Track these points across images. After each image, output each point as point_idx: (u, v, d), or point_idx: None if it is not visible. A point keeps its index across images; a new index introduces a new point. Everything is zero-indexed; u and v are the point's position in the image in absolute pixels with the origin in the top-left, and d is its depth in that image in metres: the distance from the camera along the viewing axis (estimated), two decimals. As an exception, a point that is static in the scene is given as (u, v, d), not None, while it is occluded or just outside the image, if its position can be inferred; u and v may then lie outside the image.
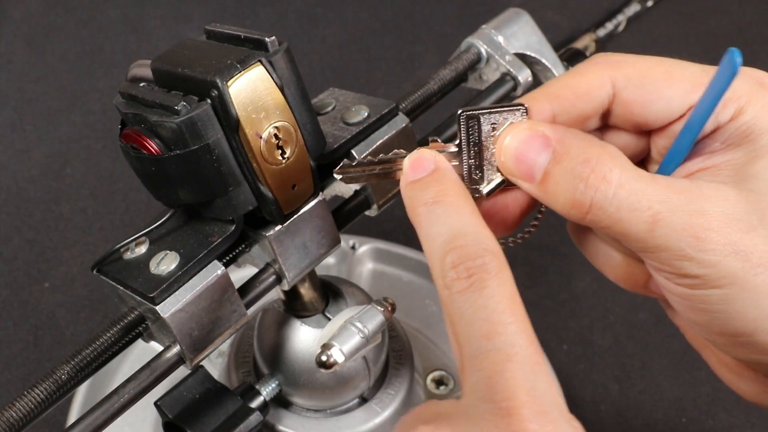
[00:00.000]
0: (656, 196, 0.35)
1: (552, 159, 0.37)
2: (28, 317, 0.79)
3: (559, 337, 0.76)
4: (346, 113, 0.48)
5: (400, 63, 1.05)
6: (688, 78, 0.38)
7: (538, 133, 0.37)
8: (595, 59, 0.40)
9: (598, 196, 0.35)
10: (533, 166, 0.37)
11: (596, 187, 0.35)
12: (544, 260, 0.81)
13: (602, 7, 1.08)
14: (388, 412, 0.55)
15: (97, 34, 1.10)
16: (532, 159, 0.37)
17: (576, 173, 0.36)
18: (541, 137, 0.37)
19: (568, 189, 0.36)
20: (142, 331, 0.44)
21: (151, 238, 0.44)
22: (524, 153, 0.38)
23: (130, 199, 0.89)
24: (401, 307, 0.52)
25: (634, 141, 0.41)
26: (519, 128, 0.38)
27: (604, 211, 0.35)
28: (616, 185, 0.35)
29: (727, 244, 0.35)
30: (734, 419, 0.70)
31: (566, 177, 0.36)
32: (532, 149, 0.37)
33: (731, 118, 0.38)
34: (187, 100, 0.39)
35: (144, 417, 0.64)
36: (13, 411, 0.40)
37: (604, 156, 0.36)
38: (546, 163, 0.37)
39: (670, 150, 0.39)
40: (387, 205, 0.50)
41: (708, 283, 0.35)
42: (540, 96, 0.40)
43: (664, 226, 0.35)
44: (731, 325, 0.36)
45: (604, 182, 0.35)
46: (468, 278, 0.34)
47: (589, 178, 0.35)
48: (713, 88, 0.35)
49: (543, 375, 0.32)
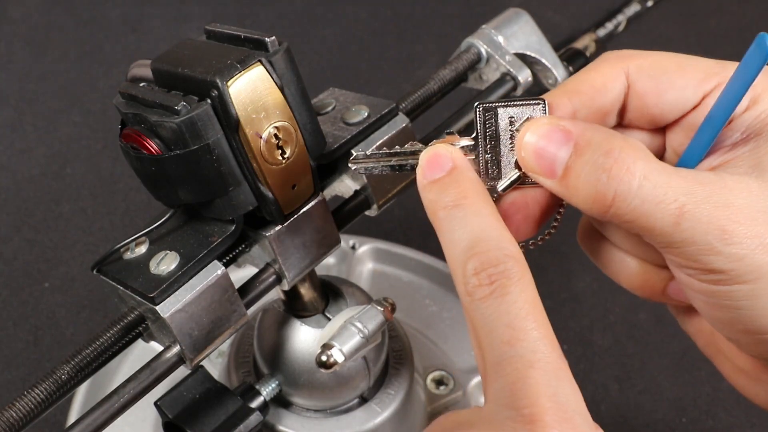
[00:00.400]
0: (681, 189, 0.34)
1: (573, 152, 0.36)
2: (28, 317, 0.78)
3: (559, 337, 0.74)
4: (346, 113, 0.48)
5: (400, 63, 1.05)
6: (700, 68, 0.38)
7: (559, 127, 0.36)
8: (606, 56, 0.40)
9: (622, 187, 0.34)
10: (554, 161, 0.36)
11: (620, 179, 0.34)
12: (544, 260, 0.81)
13: (602, 7, 1.08)
14: (388, 412, 0.55)
15: (97, 34, 1.10)
16: (552, 153, 0.36)
17: (599, 165, 0.35)
18: (562, 131, 0.36)
19: (590, 182, 0.35)
20: (142, 331, 0.44)
21: (151, 238, 0.44)
22: (545, 148, 0.37)
23: (130, 199, 0.89)
24: (401, 307, 0.52)
25: (649, 139, 0.41)
26: (539, 123, 0.37)
27: (628, 204, 0.35)
28: (641, 177, 0.34)
29: (755, 236, 0.34)
30: (734, 419, 0.70)
31: (589, 169, 0.35)
32: (553, 143, 0.36)
33: (746, 108, 0.37)
34: (187, 100, 0.39)
35: (144, 417, 0.64)
36: (13, 411, 0.40)
37: (627, 147, 0.35)
38: (567, 157, 0.36)
39: (691, 144, 0.38)
40: (387, 205, 0.50)
41: (734, 278, 0.34)
42: (559, 93, 0.39)
43: (690, 219, 0.34)
44: (757, 321, 0.35)
45: (628, 173, 0.34)
46: (490, 285, 0.34)
47: (612, 169, 0.34)
48: (741, 75, 0.34)
49: (566, 381, 0.32)
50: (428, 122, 0.55)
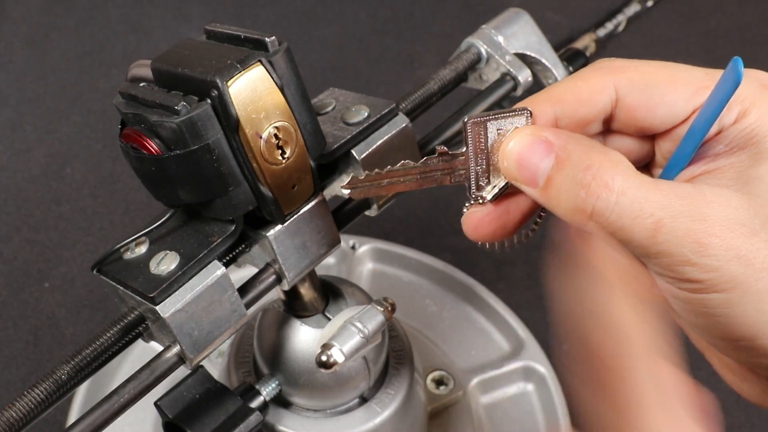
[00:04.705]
0: (658, 203, 0.35)
1: (555, 165, 0.37)
2: (28, 317, 0.79)
3: (559, 337, 0.75)
4: (346, 113, 0.48)
5: (400, 63, 1.05)
6: (691, 81, 0.38)
7: (541, 138, 0.37)
8: (598, 64, 0.40)
9: (599, 204, 0.35)
10: (536, 171, 0.37)
11: (598, 195, 0.35)
12: (544, 260, 0.81)
13: (602, 7, 1.08)
14: (388, 412, 0.55)
15: (97, 34, 1.10)
16: (534, 164, 0.37)
17: (578, 180, 0.36)
18: (543, 142, 0.37)
19: (570, 196, 0.36)
20: (142, 331, 0.44)
21: (151, 238, 0.44)
22: (527, 158, 0.37)
23: (130, 199, 0.89)
24: (401, 307, 0.52)
25: (638, 145, 0.41)
26: (522, 133, 0.38)
27: (606, 219, 0.35)
28: (618, 193, 0.35)
29: (730, 248, 0.34)
30: (734, 419, 0.70)
31: (568, 184, 0.36)
32: (535, 154, 0.37)
33: (735, 121, 0.37)
34: (187, 100, 0.39)
35: (144, 417, 0.64)
36: (13, 411, 0.40)
37: (606, 163, 0.36)
38: (549, 168, 0.37)
39: (674, 155, 0.38)
40: (387, 205, 0.50)
41: (710, 287, 0.35)
42: (543, 99, 0.39)
43: (667, 233, 0.35)
44: (733, 329, 0.36)
45: (605, 190, 0.35)
46: None
47: (590, 186, 0.35)
48: (716, 96, 0.35)
49: None
50: (428, 122, 0.55)
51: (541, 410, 0.68)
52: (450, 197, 0.86)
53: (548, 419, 0.67)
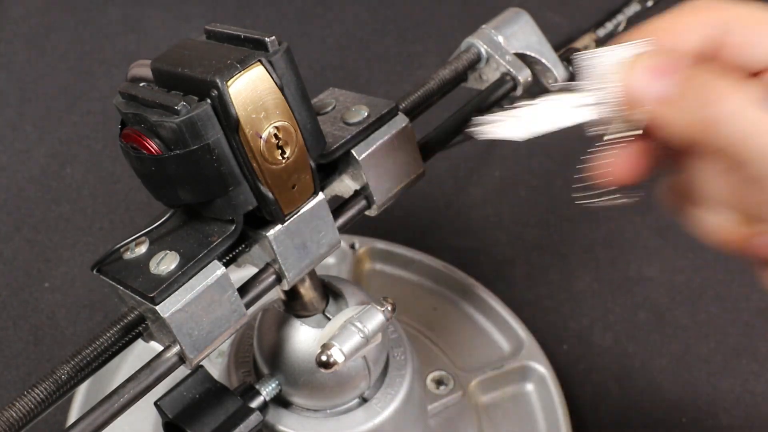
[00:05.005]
0: None
1: (676, 82, 0.37)
2: (28, 317, 0.79)
3: (559, 337, 0.76)
4: (346, 113, 0.48)
5: (400, 63, 1.05)
6: None
7: (667, 58, 0.38)
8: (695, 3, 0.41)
9: (724, 112, 0.36)
10: (656, 91, 0.38)
11: (721, 106, 0.36)
12: (544, 260, 0.81)
13: (602, 7, 1.08)
14: (388, 412, 0.55)
15: (97, 34, 1.10)
16: (654, 85, 0.38)
17: (701, 92, 0.37)
18: (665, 63, 0.38)
19: (691, 109, 0.37)
20: (142, 331, 0.44)
21: (151, 238, 0.44)
22: (647, 80, 0.38)
23: (130, 199, 0.89)
24: (401, 307, 0.52)
25: None
26: (642, 56, 0.39)
27: (729, 128, 0.36)
28: (742, 103, 0.36)
29: None
30: (734, 419, 0.70)
31: (691, 97, 0.37)
32: (656, 75, 0.38)
33: None
34: (187, 100, 0.39)
35: (144, 417, 0.64)
36: (13, 411, 0.40)
37: (730, 77, 0.37)
38: (669, 87, 0.38)
39: None
40: (387, 205, 0.50)
41: None
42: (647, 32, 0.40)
43: None
44: None
45: (729, 101, 0.36)
46: None
47: (712, 97, 0.36)
48: None
49: None
50: (428, 122, 0.55)
51: (541, 410, 0.68)
52: (450, 197, 0.86)
53: (548, 419, 0.67)
